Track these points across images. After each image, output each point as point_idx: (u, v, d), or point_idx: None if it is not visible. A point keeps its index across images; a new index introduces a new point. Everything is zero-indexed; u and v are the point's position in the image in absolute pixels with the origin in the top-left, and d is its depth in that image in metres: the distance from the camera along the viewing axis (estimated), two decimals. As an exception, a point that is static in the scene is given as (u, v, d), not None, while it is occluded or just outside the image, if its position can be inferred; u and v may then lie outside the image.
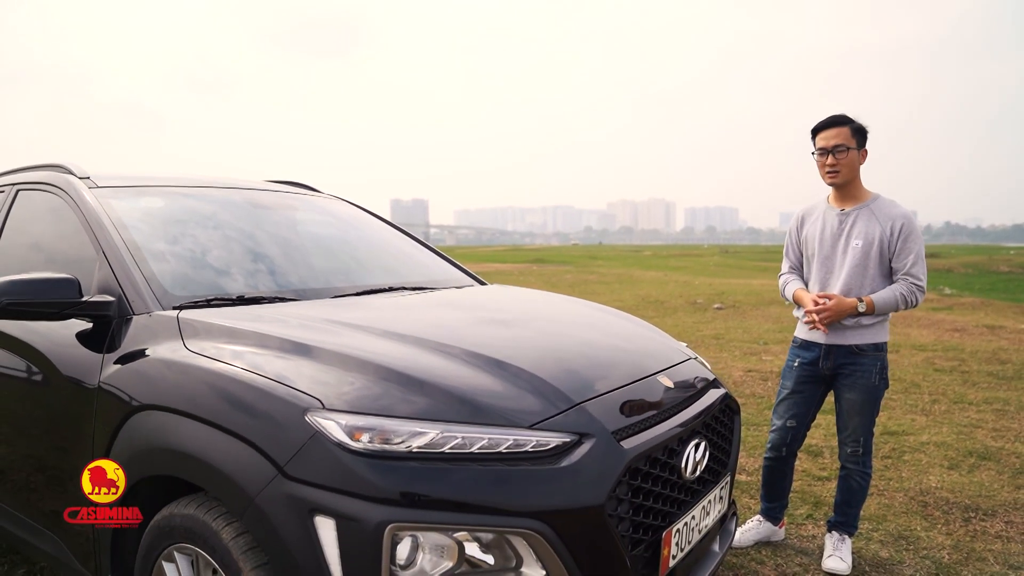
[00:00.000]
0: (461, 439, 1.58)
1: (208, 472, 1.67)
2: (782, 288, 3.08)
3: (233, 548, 1.63)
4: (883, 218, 2.79)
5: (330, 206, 3.44)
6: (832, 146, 2.76)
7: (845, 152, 2.75)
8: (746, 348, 8.06)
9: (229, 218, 2.76)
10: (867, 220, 2.81)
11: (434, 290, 2.82)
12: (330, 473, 1.52)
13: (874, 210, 2.82)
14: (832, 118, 2.79)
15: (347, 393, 1.64)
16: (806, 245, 2.98)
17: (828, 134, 2.78)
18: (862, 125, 2.79)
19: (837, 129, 2.76)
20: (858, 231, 2.81)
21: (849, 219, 2.84)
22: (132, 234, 2.32)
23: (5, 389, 2.41)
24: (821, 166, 2.83)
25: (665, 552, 1.84)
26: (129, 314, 2.10)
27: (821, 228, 2.91)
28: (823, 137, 2.79)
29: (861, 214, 2.83)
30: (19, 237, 2.74)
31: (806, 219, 3.01)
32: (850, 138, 2.76)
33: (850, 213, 2.84)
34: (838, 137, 2.76)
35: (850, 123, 2.77)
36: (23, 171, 2.94)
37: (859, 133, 2.78)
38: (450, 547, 1.52)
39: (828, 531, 2.99)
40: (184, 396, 1.79)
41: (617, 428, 1.76)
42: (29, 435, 2.35)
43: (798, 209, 3.12)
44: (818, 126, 2.82)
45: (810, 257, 2.96)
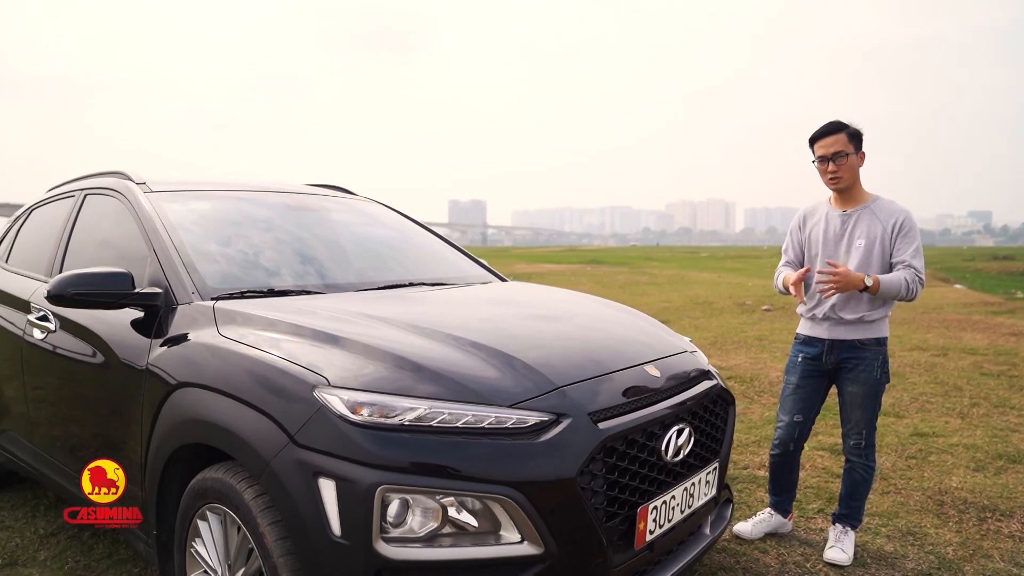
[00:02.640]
0: (448, 414, 1.78)
1: (232, 440, 1.92)
2: (775, 280, 3.15)
3: (253, 507, 1.87)
4: (884, 216, 2.88)
5: (362, 207, 3.70)
6: (832, 153, 2.85)
7: (845, 158, 2.85)
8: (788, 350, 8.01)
9: (265, 219, 3.04)
10: (869, 220, 2.90)
11: (450, 286, 3.04)
12: (332, 441, 1.74)
13: (875, 210, 2.92)
14: (828, 126, 2.88)
15: (350, 372, 1.87)
16: (809, 245, 3.07)
17: (826, 142, 2.87)
18: (857, 129, 2.88)
19: (834, 136, 2.85)
20: (860, 231, 2.90)
21: (851, 220, 2.94)
22: (179, 233, 2.61)
23: (75, 370, 2.74)
24: (823, 173, 2.92)
25: (641, 526, 2.00)
26: (174, 304, 2.38)
27: (824, 228, 3.01)
28: (821, 145, 2.88)
29: (863, 215, 2.92)
30: (87, 236, 3.09)
31: (808, 219, 3.10)
32: (847, 143, 2.85)
33: (852, 214, 2.94)
34: (836, 144, 2.85)
35: (846, 129, 2.86)
36: (90, 178, 3.30)
37: (855, 138, 2.87)
38: (435, 509, 1.72)
39: (832, 523, 3.07)
40: (214, 374, 2.05)
41: (595, 410, 1.93)
42: (94, 411, 2.67)
43: (800, 209, 3.21)
44: (815, 135, 2.91)
45: (813, 257, 3.05)
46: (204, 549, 2.08)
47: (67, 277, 2.35)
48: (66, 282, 2.34)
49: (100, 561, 2.96)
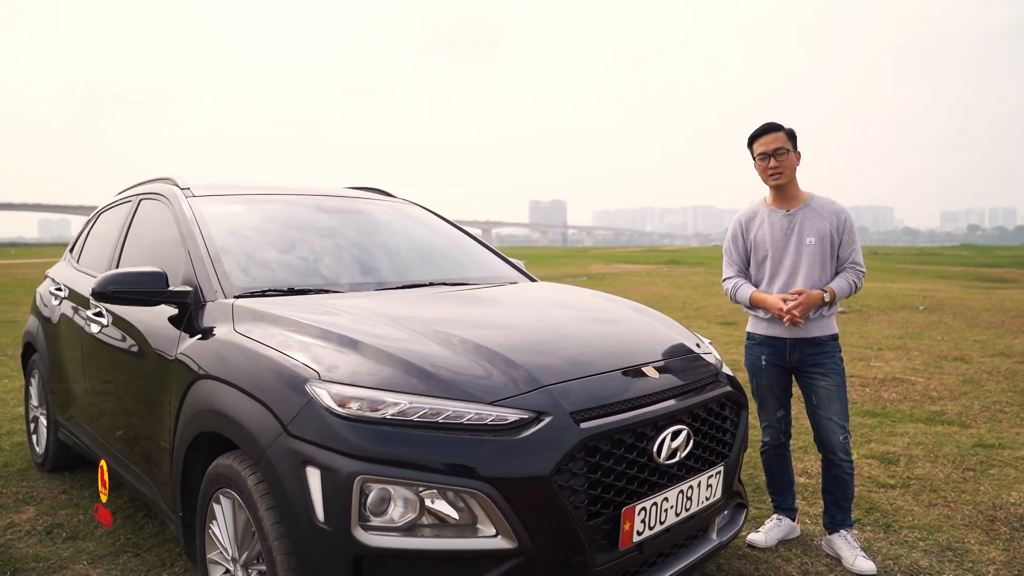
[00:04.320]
0: (428, 409, 1.85)
1: (237, 428, 2.05)
2: (732, 293, 3.15)
3: (254, 492, 1.99)
4: (827, 214, 2.98)
5: (398, 209, 3.83)
6: (773, 149, 2.93)
7: (786, 154, 2.94)
8: (856, 353, 7.69)
9: (296, 221, 3.21)
10: (814, 218, 2.98)
11: (472, 287, 3.10)
12: (319, 432, 1.84)
13: (816, 208, 3.00)
14: (767, 125, 2.98)
15: (342, 367, 1.97)
16: (756, 249, 3.10)
17: (766, 139, 2.95)
18: (792, 129, 2.98)
19: (774, 134, 2.95)
20: (809, 229, 2.97)
21: (796, 219, 3.00)
22: (211, 235, 2.79)
23: (122, 361, 2.97)
24: (763, 170, 2.99)
25: (627, 527, 2.00)
26: (202, 301, 2.55)
27: (770, 230, 3.04)
28: (762, 143, 2.96)
29: (807, 213, 2.99)
30: (139, 237, 3.33)
31: (750, 224, 3.13)
32: (786, 141, 2.95)
33: (796, 213, 3.00)
34: (776, 141, 2.94)
35: (783, 128, 2.96)
36: (145, 184, 3.56)
37: (792, 137, 2.97)
38: (413, 501, 1.80)
39: (832, 532, 3.00)
40: (225, 367, 2.20)
41: (578, 410, 1.95)
42: (136, 400, 2.89)
43: (735, 216, 3.26)
44: (754, 134, 3.00)
45: (761, 260, 3.08)
46: (219, 531, 2.23)
47: (108, 276, 2.56)
48: (107, 281, 2.55)
49: (148, 539, 3.20)
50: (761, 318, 3.07)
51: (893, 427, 4.90)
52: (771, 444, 3.16)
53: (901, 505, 3.53)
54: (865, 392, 5.91)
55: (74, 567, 2.94)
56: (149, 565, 2.96)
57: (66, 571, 2.91)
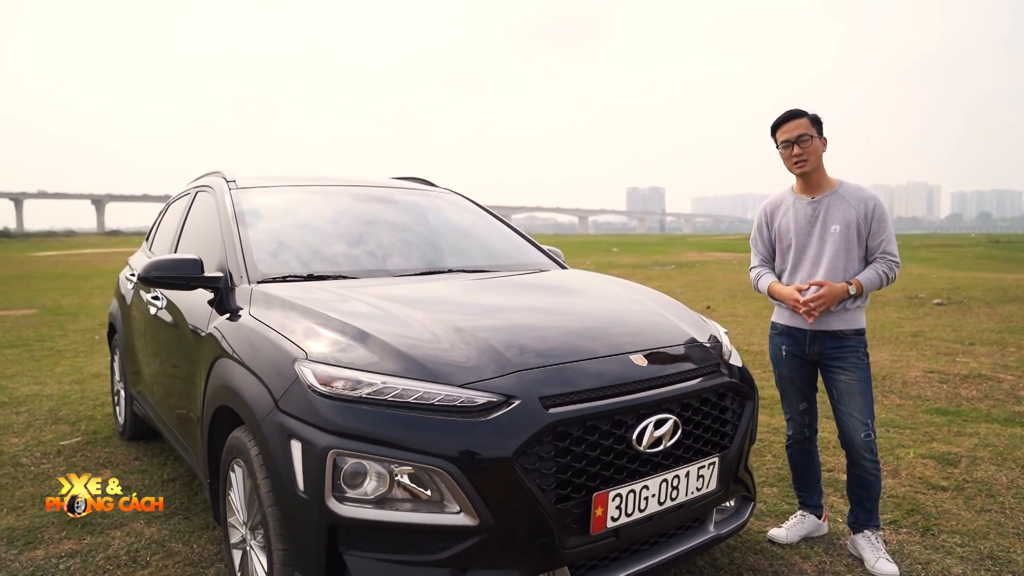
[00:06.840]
0: (401, 390, 1.94)
1: (242, 404, 2.23)
2: (755, 282, 3.10)
3: (255, 462, 2.15)
4: (855, 201, 2.85)
5: (436, 197, 3.94)
6: (796, 136, 2.83)
7: (810, 140, 2.83)
8: (943, 348, 7.21)
9: (329, 210, 3.37)
10: (840, 205, 2.86)
11: (491, 273, 3.17)
12: (302, 408, 1.98)
13: (844, 195, 2.87)
14: (789, 112, 2.88)
15: (330, 348, 2.09)
16: (780, 237, 3.00)
17: (789, 126, 2.85)
18: (817, 115, 2.86)
19: (796, 121, 2.85)
20: (834, 216, 2.86)
21: (822, 206, 2.89)
22: (245, 224, 2.99)
23: (169, 341, 3.25)
24: (787, 158, 2.89)
25: (599, 512, 2.02)
26: (231, 286, 2.76)
27: (794, 218, 2.95)
28: (785, 131, 2.87)
29: (833, 200, 2.88)
30: (193, 227, 3.61)
31: (775, 212, 3.04)
32: (810, 127, 2.84)
33: (821, 200, 2.89)
34: (799, 128, 2.84)
35: (807, 115, 2.85)
36: (202, 177, 3.83)
37: (817, 123, 2.85)
38: (385, 476, 1.90)
39: (857, 531, 2.89)
40: (238, 346, 2.38)
41: (549, 395, 1.99)
42: (176, 375, 3.15)
43: (763, 203, 3.15)
44: (777, 122, 2.90)
45: (786, 248, 2.99)
46: (234, 497, 2.42)
47: (151, 262, 2.81)
48: (150, 267, 2.79)
49: (198, 504, 3.48)
50: (783, 308, 3.00)
51: (963, 427, 4.60)
52: (795, 438, 3.08)
53: (948, 508, 3.34)
54: (942, 389, 5.56)
55: (132, 525, 3.26)
56: (195, 527, 3.23)
57: (125, 527, 3.23)
